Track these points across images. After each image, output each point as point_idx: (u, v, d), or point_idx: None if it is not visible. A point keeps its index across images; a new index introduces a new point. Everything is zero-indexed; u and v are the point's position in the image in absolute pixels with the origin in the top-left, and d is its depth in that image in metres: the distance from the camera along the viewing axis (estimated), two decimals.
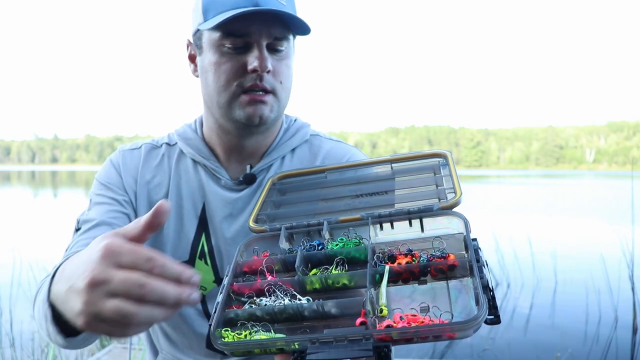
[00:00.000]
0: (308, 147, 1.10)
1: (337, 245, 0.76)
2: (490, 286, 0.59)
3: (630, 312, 4.21)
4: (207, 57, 0.95)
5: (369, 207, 0.84)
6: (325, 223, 0.80)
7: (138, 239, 0.56)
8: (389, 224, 0.79)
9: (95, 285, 0.52)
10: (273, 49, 0.93)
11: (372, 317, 0.59)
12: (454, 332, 0.54)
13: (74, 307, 0.55)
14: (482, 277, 0.59)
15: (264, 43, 0.91)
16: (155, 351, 1.14)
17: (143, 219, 0.56)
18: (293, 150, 1.09)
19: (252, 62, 0.90)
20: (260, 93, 0.93)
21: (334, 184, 0.96)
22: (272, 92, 0.95)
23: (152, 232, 0.56)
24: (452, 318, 0.60)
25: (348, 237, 0.78)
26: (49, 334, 0.70)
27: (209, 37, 0.93)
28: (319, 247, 0.76)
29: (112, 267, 0.53)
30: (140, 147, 1.09)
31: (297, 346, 0.56)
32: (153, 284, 0.52)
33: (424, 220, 0.77)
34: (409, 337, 0.55)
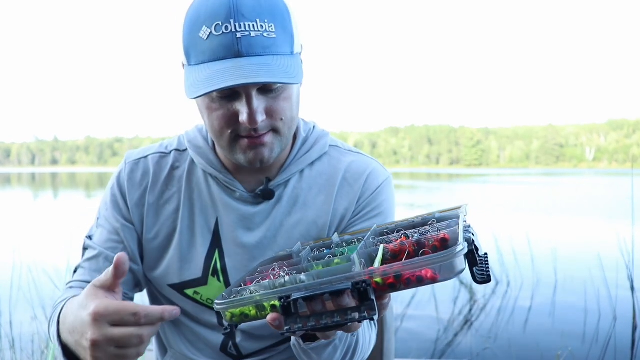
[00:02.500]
0: (328, 159, 1.05)
1: (343, 247, 0.81)
2: (477, 245, 0.62)
3: (630, 310, 4.21)
4: (200, 99, 0.87)
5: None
6: (336, 235, 0.85)
7: (112, 287, 0.71)
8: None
9: (98, 345, 0.66)
10: (266, 90, 0.83)
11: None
12: (433, 265, 0.55)
13: (86, 357, 0.70)
14: (466, 235, 0.62)
15: (253, 92, 0.81)
16: (164, 349, 1.13)
17: (110, 270, 0.70)
18: (312, 163, 1.04)
19: (242, 114, 0.81)
20: (259, 136, 0.86)
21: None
22: (272, 130, 0.88)
23: (119, 279, 0.70)
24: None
25: (355, 243, 0.82)
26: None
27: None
28: (327, 252, 0.81)
29: (106, 327, 0.66)
30: (147, 157, 1.02)
31: (284, 294, 0.59)
32: (147, 331, 0.67)
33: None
34: (391, 279, 0.57)
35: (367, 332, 0.95)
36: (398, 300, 4.78)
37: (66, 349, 0.76)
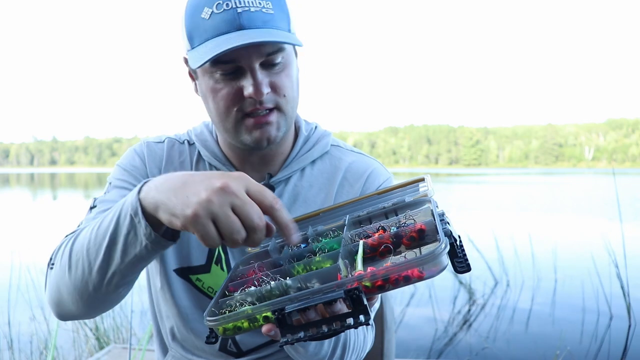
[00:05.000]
0: (329, 158, 1.06)
1: (320, 243, 0.81)
2: (455, 236, 0.63)
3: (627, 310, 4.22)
4: (204, 82, 0.90)
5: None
6: (310, 228, 0.85)
7: None
8: (367, 223, 0.84)
9: (227, 192, 0.63)
10: (269, 65, 0.87)
11: (346, 276, 0.63)
12: (419, 266, 0.57)
13: (190, 197, 0.64)
14: (444, 228, 0.64)
15: (256, 65, 0.85)
16: (164, 349, 1.13)
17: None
18: (313, 161, 1.05)
19: (247, 88, 0.85)
20: (265, 112, 0.89)
21: (326, 217, 0.98)
22: (276, 108, 0.90)
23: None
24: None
25: (330, 236, 0.82)
26: (110, 252, 0.72)
27: None
28: (304, 247, 0.81)
29: (244, 189, 0.64)
30: (163, 141, 1.06)
31: (277, 307, 0.59)
32: (265, 223, 0.65)
33: (399, 213, 0.82)
34: (380, 281, 0.58)
35: (360, 331, 0.96)
36: (397, 300, 4.79)
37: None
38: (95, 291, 0.76)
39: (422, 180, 0.95)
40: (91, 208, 0.96)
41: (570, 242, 7.86)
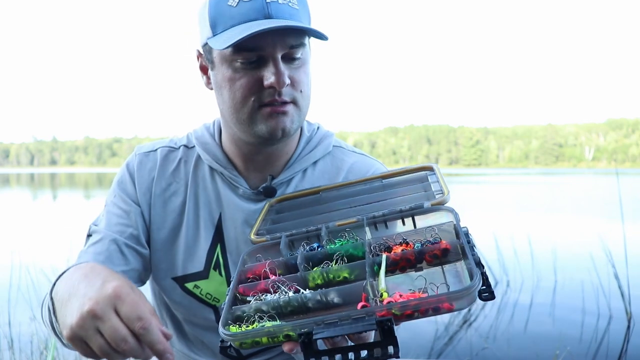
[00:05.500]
0: (331, 159, 1.06)
1: (335, 245, 0.79)
2: (482, 263, 0.62)
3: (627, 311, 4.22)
4: (221, 72, 0.90)
5: (363, 213, 0.87)
6: (324, 227, 0.83)
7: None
8: (383, 225, 0.82)
9: (92, 316, 0.64)
10: (289, 58, 0.88)
11: (372, 299, 0.61)
12: (451, 301, 0.56)
13: (65, 321, 0.68)
14: (473, 254, 0.62)
15: (279, 55, 0.85)
16: None
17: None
18: (315, 162, 1.05)
19: (269, 77, 0.85)
20: (281, 104, 0.89)
21: (328, 200, 0.98)
22: (293, 102, 0.90)
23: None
24: (448, 289, 0.62)
25: (345, 238, 0.80)
26: (52, 326, 0.78)
27: (220, 52, 0.88)
28: (319, 248, 0.79)
29: (112, 309, 0.64)
30: (156, 150, 1.05)
31: (304, 330, 0.57)
32: (132, 345, 0.64)
33: (416, 217, 0.80)
34: (410, 311, 0.57)
35: None
36: None
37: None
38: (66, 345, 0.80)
39: (431, 169, 0.94)
40: (88, 236, 0.98)
41: (570, 242, 7.85)
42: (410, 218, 0.81)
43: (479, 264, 0.61)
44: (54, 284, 0.78)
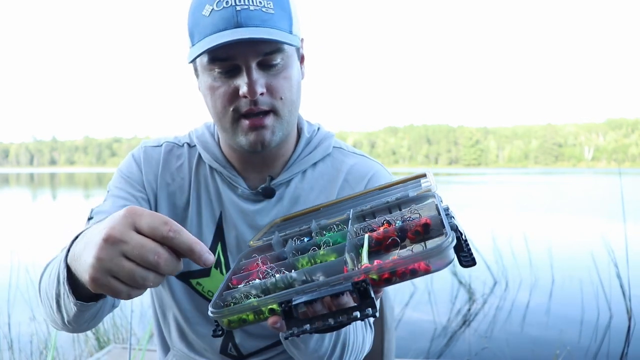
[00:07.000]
0: (331, 161, 1.06)
1: (324, 237, 0.81)
2: (461, 230, 0.63)
3: (627, 309, 4.22)
4: (203, 80, 0.91)
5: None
6: (314, 222, 0.85)
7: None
8: (371, 217, 0.84)
9: (112, 242, 0.56)
10: (267, 65, 0.86)
11: (352, 269, 0.63)
12: (426, 260, 0.57)
13: (86, 260, 0.58)
14: (450, 221, 0.64)
15: (253, 64, 0.84)
16: (166, 348, 1.13)
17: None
18: (315, 164, 1.05)
19: (242, 87, 0.84)
20: (260, 116, 0.88)
21: (327, 212, 0.98)
22: (272, 110, 0.89)
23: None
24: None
25: (334, 231, 0.82)
26: (59, 303, 0.71)
27: (200, 61, 0.88)
28: (308, 240, 0.81)
29: (130, 229, 0.57)
30: (161, 145, 1.06)
31: (284, 299, 0.59)
32: (166, 255, 0.57)
33: (403, 208, 0.82)
34: (387, 274, 0.58)
35: (359, 331, 0.95)
36: (397, 300, 4.79)
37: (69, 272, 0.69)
38: (65, 326, 0.77)
39: (424, 176, 0.96)
40: (89, 219, 0.95)
41: (569, 242, 7.86)
42: (397, 208, 0.82)
43: (456, 230, 0.62)
44: (69, 249, 0.68)
